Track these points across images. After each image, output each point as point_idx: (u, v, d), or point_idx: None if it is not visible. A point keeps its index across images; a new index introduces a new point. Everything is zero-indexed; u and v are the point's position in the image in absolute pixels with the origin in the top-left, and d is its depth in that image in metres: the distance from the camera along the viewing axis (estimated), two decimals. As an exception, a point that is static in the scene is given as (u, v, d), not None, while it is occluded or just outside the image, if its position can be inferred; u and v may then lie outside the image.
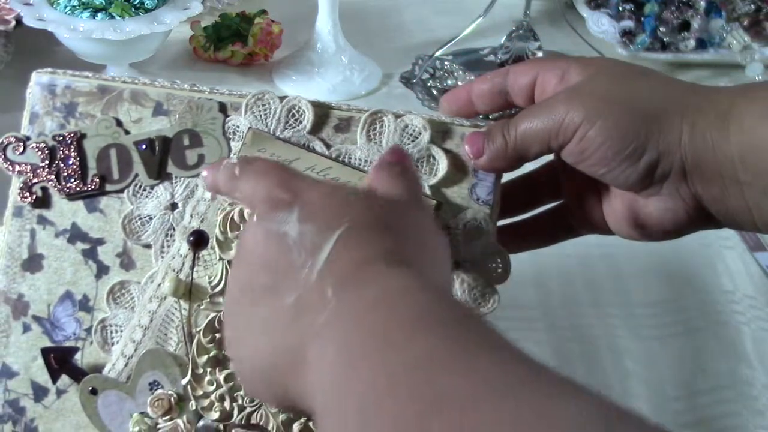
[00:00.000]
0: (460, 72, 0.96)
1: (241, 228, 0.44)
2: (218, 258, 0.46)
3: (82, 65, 0.79)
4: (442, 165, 0.47)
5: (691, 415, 0.62)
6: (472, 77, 0.95)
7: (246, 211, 0.45)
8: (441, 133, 0.48)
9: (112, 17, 0.82)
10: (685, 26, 1.01)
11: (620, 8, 1.02)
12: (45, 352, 0.48)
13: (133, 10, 0.83)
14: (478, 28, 0.94)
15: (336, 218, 0.36)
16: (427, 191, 0.47)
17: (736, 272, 0.72)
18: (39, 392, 0.48)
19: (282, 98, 0.48)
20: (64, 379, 0.48)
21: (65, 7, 0.82)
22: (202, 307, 0.46)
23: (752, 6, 1.04)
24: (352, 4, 1.04)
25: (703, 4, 1.01)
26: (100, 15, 0.82)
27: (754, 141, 0.41)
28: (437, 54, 0.95)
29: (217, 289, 0.46)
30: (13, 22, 0.84)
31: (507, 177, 0.50)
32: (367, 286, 0.34)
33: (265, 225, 0.37)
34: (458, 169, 0.47)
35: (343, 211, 0.37)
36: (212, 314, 0.46)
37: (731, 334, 0.67)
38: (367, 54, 0.97)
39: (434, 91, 0.94)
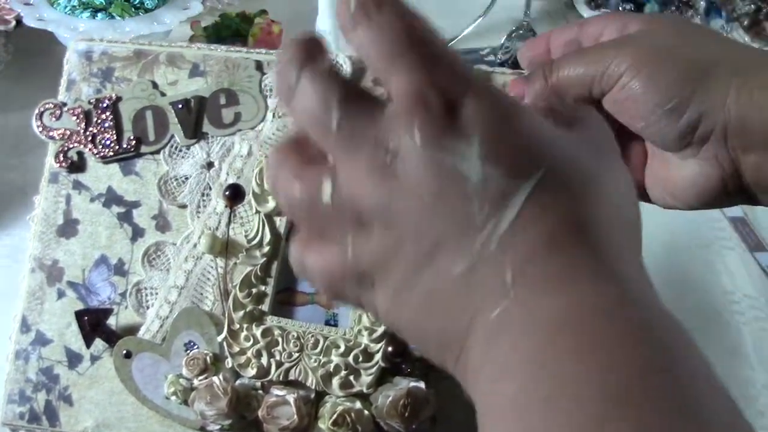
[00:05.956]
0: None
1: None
2: (254, 211, 0.49)
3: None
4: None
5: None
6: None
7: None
8: None
9: (112, 17, 0.87)
10: (685, 26, 1.07)
11: (620, 8, 1.07)
12: (79, 315, 0.51)
13: (133, 10, 0.88)
14: (478, 28, 0.99)
15: (532, 160, 0.30)
16: None
17: (736, 272, 0.76)
18: (73, 359, 0.51)
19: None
20: (98, 345, 0.51)
21: (65, 7, 0.87)
22: (238, 261, 0.50)
23: (752, 6, 1.10)
24: (352, 4, 1.08)
25: (703, 4, 1.06)
26: (100, 15, 0.87)
27: None
28: (438, 54, 1.00)
29: (254, 243, 0.49)
30: (13, 22, 0.87)
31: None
32: (556, 292, 0.29)
33: (435, 156, 0.29)
34: None
35: (541, 152, 0.30)
36: (248, 269, 0.49)
37: (731, 334, 0.70)
38: (368, 54, 1.01)
39: (435, 90, 0.98)
